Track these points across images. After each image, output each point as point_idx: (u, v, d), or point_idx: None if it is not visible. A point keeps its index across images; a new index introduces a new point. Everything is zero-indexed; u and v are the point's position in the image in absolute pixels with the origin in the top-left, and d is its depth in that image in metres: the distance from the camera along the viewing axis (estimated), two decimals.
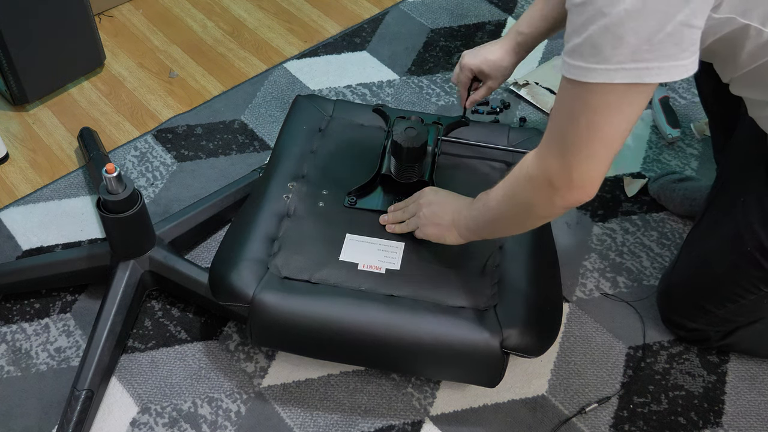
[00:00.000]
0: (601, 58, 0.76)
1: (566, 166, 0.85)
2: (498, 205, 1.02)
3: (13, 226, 1.48)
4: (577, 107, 0.81)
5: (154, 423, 1.21)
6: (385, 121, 1.40)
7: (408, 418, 1.22)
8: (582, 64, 0.78)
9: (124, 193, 1.17)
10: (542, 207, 0.94)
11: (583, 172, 0.85)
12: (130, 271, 1.28)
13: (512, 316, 1.11)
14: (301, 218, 1.23)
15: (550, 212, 0.95)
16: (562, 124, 0.84)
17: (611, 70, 0.76)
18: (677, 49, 0.76)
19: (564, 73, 0.80)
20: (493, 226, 1.06)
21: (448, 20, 1.93)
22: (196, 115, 1.70)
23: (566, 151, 0.84)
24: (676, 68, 0.77)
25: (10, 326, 1.33)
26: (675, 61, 0.76)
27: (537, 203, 0.94)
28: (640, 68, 0.76)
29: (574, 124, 0.82)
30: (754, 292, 1.13)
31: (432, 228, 1.15)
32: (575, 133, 0.83)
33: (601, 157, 0.84)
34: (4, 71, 1.60)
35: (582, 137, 0.83)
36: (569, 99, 0.82)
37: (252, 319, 1.13)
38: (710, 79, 1.31)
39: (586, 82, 0.78)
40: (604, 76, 0.77)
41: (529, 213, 0.97)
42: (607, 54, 0.76)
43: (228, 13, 1.97)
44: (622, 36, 0.74)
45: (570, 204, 0.90)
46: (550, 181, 0.88)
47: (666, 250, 1.45)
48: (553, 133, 0.86)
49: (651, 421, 1.23)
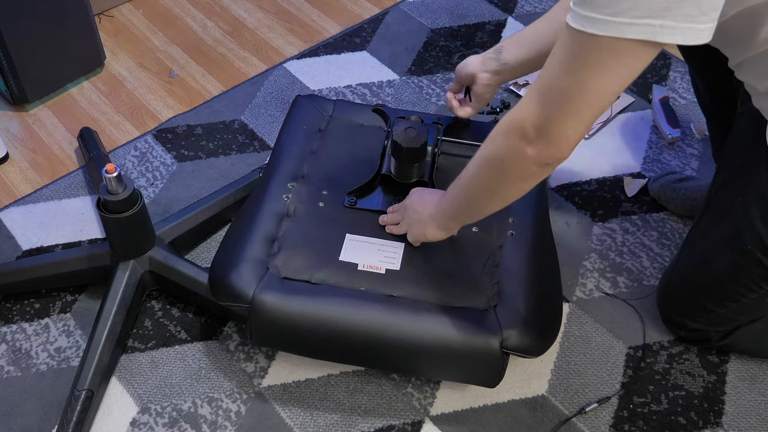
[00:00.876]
0: (616, 10, 0.72)
1: (544, 118, 0.82)
2: (470, 174, 0.99)
3: (13, 226, 1.48)
4: (572, 60, 0.77)
5: (154, 423, 1.21)
6: (385, 121, 1.40)
7: (408, 418, 1.22)
8: (593, 14, 0.73)
9: (124, 193, 1.17)
10: (513, 161, 0.89)
11: (560, 129, 0.82)
12: (130, 271, 1.28)
13: (512, 316, 1.11)
14: (301, 218, 1.23)
15: (522, 169, 0.90)
16: (551, 75, 0.80)
17: (624, 24, 0.72)
18: (697, 10, 0.72)
19: (570, 22, 0.76)
20: (469, 201, 1.03)
21: (448, 20, 1.93)
22: (196, 115, 1.70)
23: (548, 103, 0.81)
24: (691, 31, 0.73)
25: (10, 326, 1.33)
26: (691, 23, 0.72)
27: (508, 157, 0.89)
28: (655, 25, 0.72)
29: (563, 77, 0.79)
30: (755, 291, 1.13)
31: (415, 227, 1.16)
32: (563, 87, 0.79)
33: (583, 116, 0.81)
34: (4, 71, 1.60)
35: (569, 92, 0.79)
36: (566, 50, 0.78)
37: (252, 320, 1.13)
38: (706, 78, 1.32)
39: (592, 33, 0.74)
40: (615, 29, 0.72)
41: (502, 173, 0.93)
42: (624, 6, 0.71)
43: (228, 13, 1.97)
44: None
45: (542, 159, 0.86)
46: (524, 131, 0.84)
47: (666, 250, 1.45)
48: (538, 84, 0.82)
49: (651, 421, 1.23)
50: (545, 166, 0.88)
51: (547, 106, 0.81)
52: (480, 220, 1.17)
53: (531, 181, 0.94)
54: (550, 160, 0.87)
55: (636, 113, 1.70)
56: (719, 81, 1.20)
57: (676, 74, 1.78)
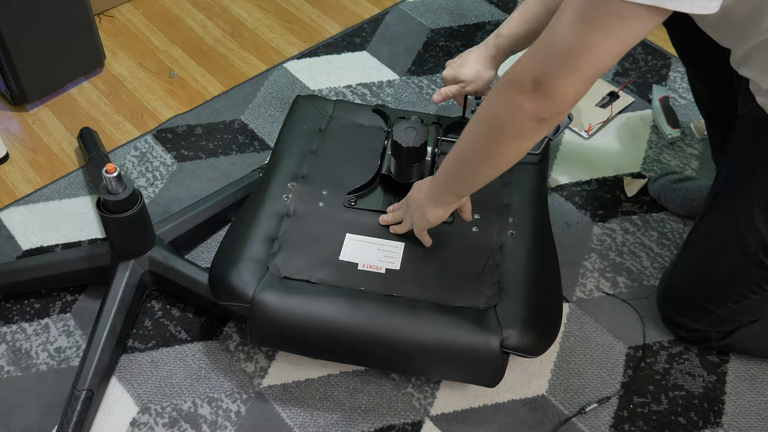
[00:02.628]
0: None
1: (544, 73, 0.82)
2: (465, 137, 0.99)
3: (13, 226, 1.48)
4: (578, 20, 0.78)
5: (154, 423, 1.21)
6: (385, 121, 1.40)
7: (408, 418, 1.22)
8: None
9: (124, 193, 1.17)
10: (510, 116, 0.89)
11: (560, 84, 0.82)
12: (130, 271, 1.28)
13: (512, 316, 1.11)
14: (301, 218, 1.23)
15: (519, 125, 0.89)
16: (556, 33, 0.80)
17: None
18: None
19: None
20: (463, 165, 1.02)
21: (448, 20, 1.93)
22: (196, 115, 1.70)
23: (550, 59, 0.81)
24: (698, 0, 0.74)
25: (10, 326, 1.33)
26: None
27: (505, 112, 0.89)
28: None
29: (568, 36, 0.79)
30: (756, 292, 1.13)
31: (416, 214, 1.15)
32: (566, 45, 0.79)
33: (583, 75, 0.81)
34: (4, 71, 1.60)
35: (572, 50, 0.79)
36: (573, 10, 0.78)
37: (252, 319, 1.13)
38: (705, 81, 1.32)
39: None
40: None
41: (498, 130, 0.93)
42: None
43: (228, 13, 1.97)
44: None
45: (539, 113, 0.85)
46: (522, 84, 0.84)
47: (666, 250, 1.45)
48: (541, 41, 0.82)
49: (651, 421, 1.23)
50: (542, 121, 0.87)
51: (548, 61, 0.81)
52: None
53: (528, 140, 0.93)
54: (548, 115, 0.86)
55: (636, 113, 1.70)
56: (719, 84, 1.20)
57: (676, 74, 1.78)
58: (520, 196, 1.28)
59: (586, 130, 1.65)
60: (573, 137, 1.65)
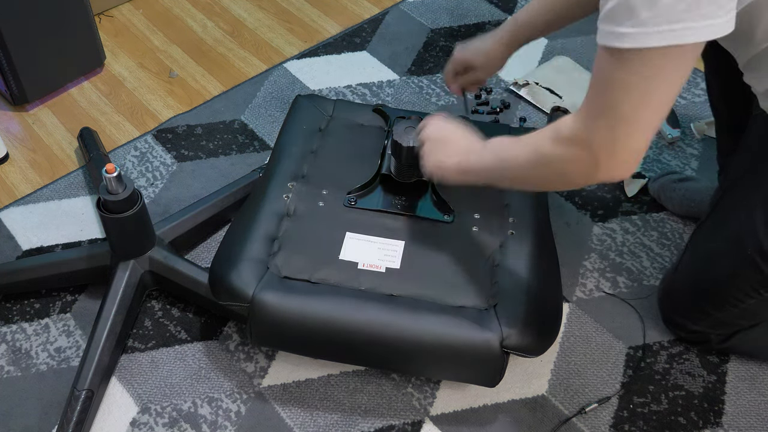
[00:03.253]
0: (636, 21, 0.74)
1: (614, 140, 0.83)
2: (523, 169, 0.98)
3: (13, 226, 1.48)
4: (621, 76, 0.79)
5: (154, 423, 1.21)
6: (385, 121, 1.40)
7: (408, 418, 1.22)
8: (617, 29, 0.76)
9: (124, 193, 1.17)
10: (579, 177, 0.91)
11: (629, 146, 0.83)
12: (130, 271, 1.28)
13: (512, 316, 1.11)
14: (301, 218, 1.23)
15: (585, 183, 0.92)
16: (608, 94, 0.81)
17: (649, 34, 0.74)
18: (714, 6, 0.73)
19: (599, 40, 0.78)
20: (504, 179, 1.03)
21: (448, 20, 1.93)
22: (196, 115, 1.70)
23: (616, 125, 0.82)
24: (711, 27, 0.74)
25: (10, 326, 1.33)
26: (711, 20, 0.74)
27: (575, 173, 0.90)
28: (677, 29, 0.74)
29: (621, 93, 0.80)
30: (753, 297, 1.13)
31: (434, 167, 1.11)
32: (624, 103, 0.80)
33: (651, 125, 0.82)
34: (4, 71, 1.60)
35: (632, 106, 0.80)
36: (611, 68, 0.79)
37: (252, 319, 1.13)
38: (719, 78, 1.30)
39: (621, 48, 0.76)
40: (641, 39, 0.75)
41: (561, 181, 0.95)
42: (643, 17, 0.73)
43: (228, 13, 1.97)
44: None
45: (611, 178, 0.87)
46: (595, 155, 0.85)
47: (666, 250, 1.45)
48: (600, 104, 0.83)
49: (651, 421, 1.23)
50: (614, 180, 0.89)
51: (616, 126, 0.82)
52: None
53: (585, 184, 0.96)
54: (620, 178, 0.88)
55: None
56: (734, 81, 1.20)
57: None
58: (520, 196, 1.28)
59: None
60: None
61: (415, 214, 1.24)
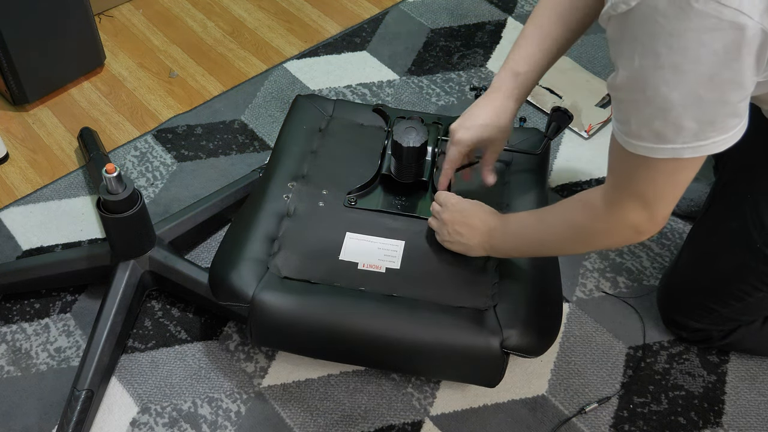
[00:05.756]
0: (665, 141, 0.78)
1: (651, 214, 0.88)
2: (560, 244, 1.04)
3: (13, 226, 1.48)
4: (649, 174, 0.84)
5: (154, 423, 1.21)
6: (385, 121, 1.40)
7: (408, 418, 1.22)
8: (648, 144, 0.79)
9: (124, 193, 1.17)
10: (622, 244, 0.98)
11: (664, 213, 0.89)
12: (130, 271, 1.28)
13: (512, 316, 1.11)
14: (301, 218, 1.23)
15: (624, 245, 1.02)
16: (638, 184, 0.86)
17: (677, 149, 0.78)
18: (737, 120, 0.78)
19: (626, 148, 0.82)
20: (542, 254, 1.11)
21: (448, 20, 1.93)
22: (196, 115, 1.70)
23: (649, 204, 0.87)
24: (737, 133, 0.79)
25: (10, 326, 1.33)
26: (734, 129, 0.78)
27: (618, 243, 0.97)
28: (705, 144, 0.78)
29: (650, 184, 0.85)
30: (760, 289, 1.13)
31: (456, 246, 1.15)
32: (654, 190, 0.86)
33: (678, 197, 0.88)
34: (4, 71, 1.60)
35: (662, 192, 0.86)
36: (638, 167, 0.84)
37: (252, 319, 1.13)
38: None
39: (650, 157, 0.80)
40: (671, 153, 0.79)
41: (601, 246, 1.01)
42: (671, 137, 0.77)
43: (228, 13, 1.97)
44: (682, 125, 0.76)
45: (645, 238, 0.93)
46: (636, 228, 0.90)
47: (666, 250, 1.45)
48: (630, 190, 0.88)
49: (651, 421, 1.23)
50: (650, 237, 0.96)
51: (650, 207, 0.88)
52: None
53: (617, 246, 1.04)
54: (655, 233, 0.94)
55: None
56: None
57: None
58: (520, 196, 1.28)
59: (586, 130, 1.65)
60: (573, 137, 1.65)
61: (415, 214, 1.24)
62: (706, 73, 0.72)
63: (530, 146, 1.36)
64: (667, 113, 0.75)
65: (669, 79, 0.73)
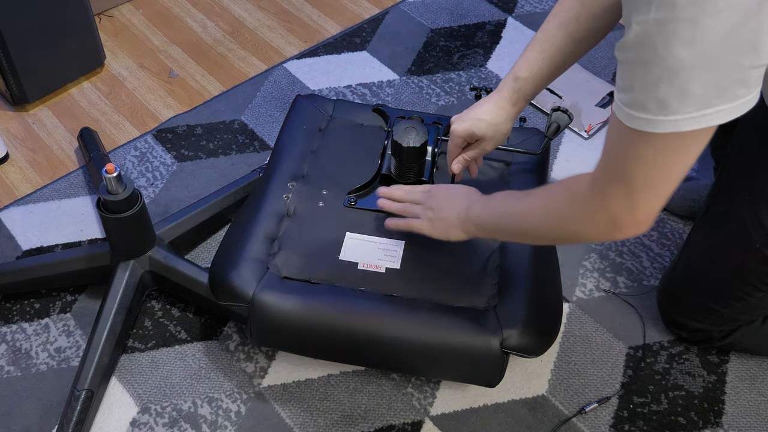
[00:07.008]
0: (668, 111, 0.74)
1: (633, 206, 0.84)
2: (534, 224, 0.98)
3: (13, 226, 1.48)
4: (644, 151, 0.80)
5: (154, 423, 1.21)
6: (385, 121, 1.40)
7: (408, 418, 1.22)
8: (647, 116, 0.75)
9: (124, 193, 1.17)
10: (597, 237, 0.93)
11: (648, 210, 0.85)
12: (130, 271, 1.28)
13: (512, 316, 1.11)
14: (301, 218, 1.23)
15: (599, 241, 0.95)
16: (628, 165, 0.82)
17: (679, 120, 0.74)
18: (745, 90, 0.74)
19: (625, 122, 0.78)
20: (519, 236, 1.04)
21: (448, 20, 1.93)
22: (196, 115, 1.70)
23: (634, 192, 0.83)
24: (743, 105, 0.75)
25: (10, 326, 1.33)
26: (741, 99, 0.74)
27: (591, 233, 0.92)
28: (709, 114, 0.74)
29: (642, 166, 0.81)
30: (760, 289, 1.13)
31: (438, 224, 1.10)
32: (644, 175, 0.81)
33: (667, 193, 0.83)
34: (4, 71, 1.60)
35: (652, 178, 0.82)
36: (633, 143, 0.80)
37: (252, 319, 1.13)
38: None
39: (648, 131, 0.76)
40: (672, 126, 0.75)
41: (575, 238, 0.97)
42: (675, 107, 0.73)
43: (228, 13, 1.97)
44: (689, 90, 0.72)
45: (627, 237, 0.89)
46: (614, 220, 0.86)
47: (666, 250, 1.45)
48: (618, 173, 0.84)
49: (651, 421, 1.23)
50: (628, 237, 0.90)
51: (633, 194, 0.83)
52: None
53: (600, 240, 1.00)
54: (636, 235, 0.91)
55: None
56: None
57: None
58: None
59: (586, 130, 1.65)
60: (573, 137, 1.65)
61: None
62: (722, 30, 0.68)
63: (530, 146, 1.36)
64: (676, 75, 0.71)
65: (683, 35, 0.69)
